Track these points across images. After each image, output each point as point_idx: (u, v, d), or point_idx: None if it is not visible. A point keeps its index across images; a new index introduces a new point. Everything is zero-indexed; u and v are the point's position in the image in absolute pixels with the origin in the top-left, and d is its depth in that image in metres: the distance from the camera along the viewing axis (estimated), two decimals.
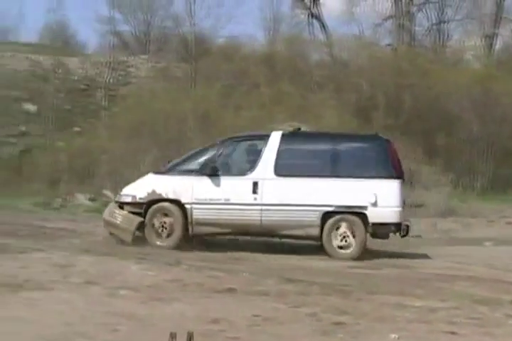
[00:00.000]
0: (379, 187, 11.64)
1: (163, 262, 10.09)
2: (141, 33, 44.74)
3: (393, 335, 6.47)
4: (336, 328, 6.77)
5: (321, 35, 31.94)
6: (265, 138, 12.31)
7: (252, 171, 12.08)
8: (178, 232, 12.06)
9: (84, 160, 22.94)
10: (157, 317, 7.07)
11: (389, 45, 32.01)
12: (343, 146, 12.28)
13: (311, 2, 32.07)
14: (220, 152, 12.40)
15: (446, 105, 25.96)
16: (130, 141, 22.29)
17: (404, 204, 11.98)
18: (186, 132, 23.58)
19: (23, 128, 29.00)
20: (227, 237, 12.90)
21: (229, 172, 12.26)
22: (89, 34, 63.44)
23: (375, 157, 12.03)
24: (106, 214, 12.68)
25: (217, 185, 12.06)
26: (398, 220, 11.72)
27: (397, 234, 12.01)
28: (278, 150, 12.07)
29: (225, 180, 12.09)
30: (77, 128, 27.89)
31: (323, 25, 31.64)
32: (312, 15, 32.02)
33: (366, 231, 11.72)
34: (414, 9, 32.27)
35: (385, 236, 12.23)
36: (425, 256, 12.57)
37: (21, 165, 23.57)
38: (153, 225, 12.13)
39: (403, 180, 12.02)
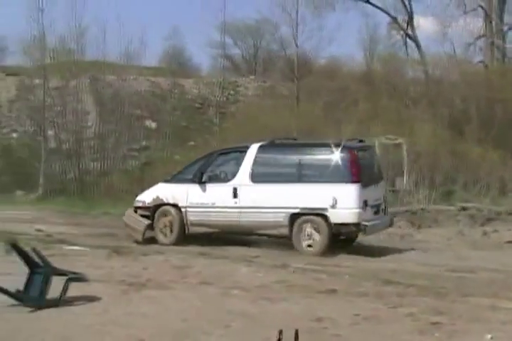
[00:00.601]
0: (338, 191, 11.85)
1: (270, 265, 10.12)
2: (249, 55, 45.23)
3: (488, 335, 6.31)
4: (433, 328, 6.65)
5: (415, 54, 31.49)
6: (246, 149, 12.94)
7: (233, 178, 12.75)
8: (176, 231, 13.08)
9: None
10: (266, 315, 7.11)
11: (481, 62, 31.29)
12: (309, 154, 12.59)
13: (406, 24, 31.68)
14: (209, 162, 13.32)
15: None
16: None
17: (365, 206, 11.98)
18: None
19: (145, 143, 29.72)
20: None
21: (215, 179, 13.01)
22: (202, 57, 64.44)
23: (335, 163, 12.18)
24: (125, 217, 13.80)
25: (206, 191, 12.95)
26: (356, 220, 11.83)
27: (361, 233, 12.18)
28: (254, 160, 12.66)
29: (212, 187, 12.93)
30: (192, 143, 28.35)
31: (417, 45, 31.16)
32: (407, 36, 31.62)
33: (330, 230, 11.89)
34: (505, 28, 31.46)
35: (352, 235, 12.46)
36: None
37: (143, 176, 24.09)
38: (158, 226, 13.25)
39: (362, 184, 11.98)
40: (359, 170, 12.03)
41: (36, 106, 29.70)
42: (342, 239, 12.65)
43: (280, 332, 5.25)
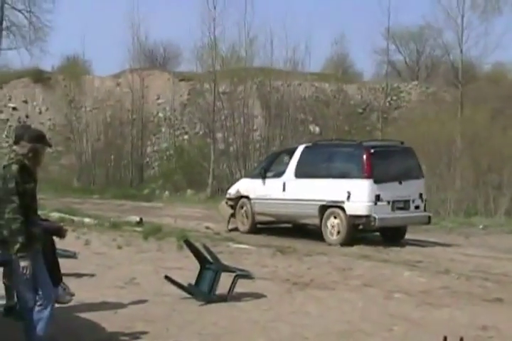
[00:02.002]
0: (352, 186, 12.78)
1: (433, 270, 9.85)
2: (412, 61, 44.44)
3: None
4: None
5: None
6: (295, 149, 14.44)
7: (283, 174, 14.19)
8: (250, 220, 14.71)
9: None
10: (429, 321, 6.92)
11: None
12: (336, 153, 13.74)
13: None
14: (272, 160, 15.38)
15: None
16: None
17: (378, 200, 12.64)
18: (454, 153, 23.08)
19: None
20: None
21: (273, 175, 14.53)
22: (365, 63, 64.16)
23: (352, 161, 13.20)
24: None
25: (266, 184, 14.51)
26: (366, 213, 12.62)
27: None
28: (299, 158, 14.01)
29: (270, 181, 14.45)
30: None
31: None
32: None
33: (349, 221, 12.72)
34: None
35: (367, 227, 12.91)
36: None
37: None
38: (238, 215, 14.97)
39: (375, 180, 12.66)
40: (372, 168, 12.71)
41: (206, 109, 30.65)
42: (391, 235, 13.42)
43: (445, 339, 5.09)
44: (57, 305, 5.77)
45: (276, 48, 31.86)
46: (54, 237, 6.50)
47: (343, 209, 12.80)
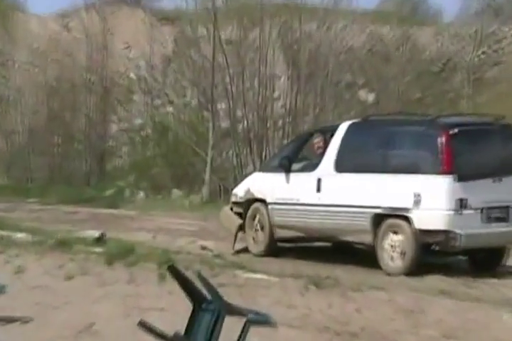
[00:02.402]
0: (423, 185, 12.69)
1: None
2: None
3: None
4: None
5: None
6: (336, 128, 14.35)
7: (317, 166, 14.17)
8: (267, 236, 14.69)
9: None
10: None
11: None
12: (397, 134, 13.75)
13: None
14: (300, 145, 15.51)
15: None
16: None
17: (463, 207, 12.47)
18: None
19: None
20: None
21: (302, 168, 14.60)
22: None
23: (423, 146, 13.18)
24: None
25: (291, 182, 14.50)
26: (446, 227, 12.44)
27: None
28: (341, 143, 13.93)
29: (297, 177, 14.45)
30: None
31: None
32: None
33: (417, 239, 12.49)
34: None
35: (446, 248, 12.78)
36: None
37: None
38: (248, 227, 14.97)
39: (458, 176, 12.50)
40: (453, 157, 12.61)
41: (201, 67, 30.68)
42: (483, 259, 13.35)
43: None
44: None
45: None
46: None
47: (408, 220, 12.70)
